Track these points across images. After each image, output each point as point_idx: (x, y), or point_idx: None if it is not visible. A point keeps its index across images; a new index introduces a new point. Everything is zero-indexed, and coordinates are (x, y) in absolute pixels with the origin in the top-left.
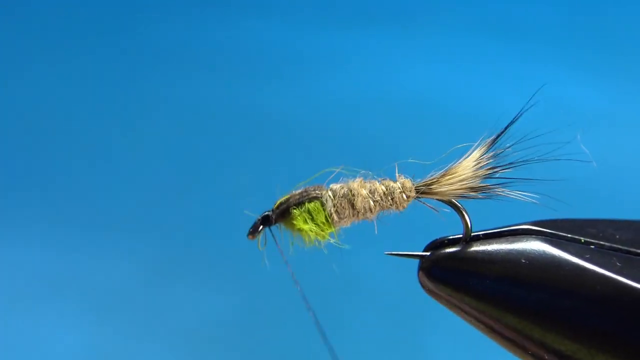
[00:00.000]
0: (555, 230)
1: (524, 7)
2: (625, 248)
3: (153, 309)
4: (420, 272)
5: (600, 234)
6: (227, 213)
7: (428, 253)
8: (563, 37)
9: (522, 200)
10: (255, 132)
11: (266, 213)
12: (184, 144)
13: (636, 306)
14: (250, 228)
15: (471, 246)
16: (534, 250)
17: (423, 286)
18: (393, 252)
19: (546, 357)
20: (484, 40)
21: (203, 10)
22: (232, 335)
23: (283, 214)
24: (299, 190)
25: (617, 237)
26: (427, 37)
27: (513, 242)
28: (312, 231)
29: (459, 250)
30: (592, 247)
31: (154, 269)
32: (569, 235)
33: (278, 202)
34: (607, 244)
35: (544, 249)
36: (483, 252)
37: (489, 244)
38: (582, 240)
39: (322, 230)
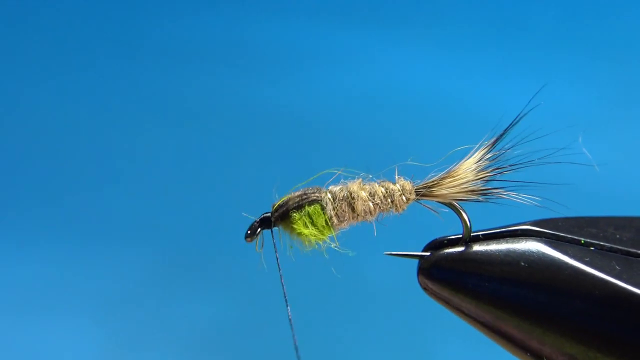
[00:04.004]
0: (555, 230)
1: (526, 7)
2: (626, 249)
3: (152, 316)
4: (420, 273)
5: (601, 234)
6: (225, 220)
7: (428, 253)
8: (565, 39)
9: (523, 203)
10: (251, 134)
11: (265, 215)
12: (180, 149)
13: (634, 310)
14: (248, 230)
15: (471, 247)
16: (533, 252)
17: (422, 286)
18: (392, 252)
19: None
20: (486, 41)
21: (204, 6)
22: (229, 342)
23: (282, 217)
24: (298, 192)
25: (618, 236)
26: (428, 38)
27: (512, 243)
28: (312, 235)
29: (458, 251)
30: (592, 248)
31: (153, 276)
32: (569, 236)
33: (276, 204)
34: (607, 244)
35: (544, 251)
36: (482, 253)
37: (489, 245)
38: (583, 242)
39: (322, 234)
